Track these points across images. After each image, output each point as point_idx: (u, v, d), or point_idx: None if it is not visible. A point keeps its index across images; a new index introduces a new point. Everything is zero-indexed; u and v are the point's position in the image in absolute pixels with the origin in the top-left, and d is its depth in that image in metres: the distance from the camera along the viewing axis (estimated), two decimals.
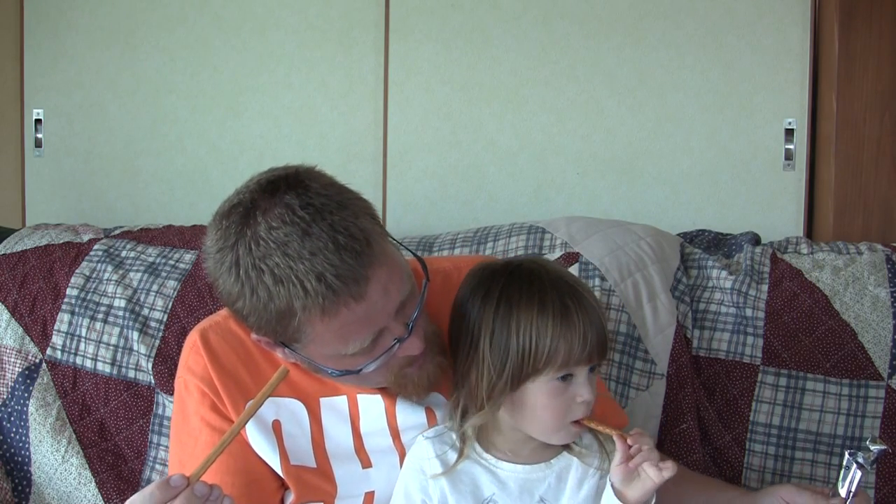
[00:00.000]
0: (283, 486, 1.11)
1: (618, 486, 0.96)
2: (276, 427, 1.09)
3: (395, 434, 1.10)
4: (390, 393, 1.09)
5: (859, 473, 0.98)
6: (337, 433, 1.10)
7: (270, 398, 1.05)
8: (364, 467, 1.10)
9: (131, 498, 0.85)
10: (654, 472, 0.93)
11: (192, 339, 1.13)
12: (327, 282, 0.89)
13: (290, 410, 1.09)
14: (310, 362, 1.01)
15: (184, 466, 1.09)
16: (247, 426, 1.07)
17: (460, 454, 1.02)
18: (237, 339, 1.11)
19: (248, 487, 1.08)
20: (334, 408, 1.10)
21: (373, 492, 1.10)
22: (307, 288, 0.89)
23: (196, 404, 1.10)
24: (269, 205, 0.92)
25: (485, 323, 0.98)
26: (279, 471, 1.09)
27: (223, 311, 1.15)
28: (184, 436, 1.12)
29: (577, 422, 0.99)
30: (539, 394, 0.97)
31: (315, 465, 1.09)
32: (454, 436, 1.05)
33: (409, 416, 1.10)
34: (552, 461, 1.02)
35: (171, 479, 0.85)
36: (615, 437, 0.96)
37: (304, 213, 0.90)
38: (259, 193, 0.94)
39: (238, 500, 1.04)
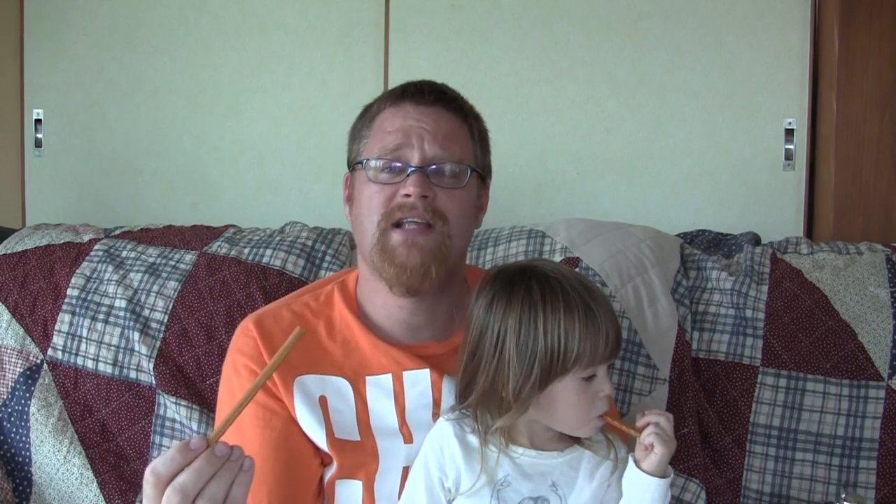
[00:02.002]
0: (323, 464, 1.14)
1: (638, 458, 1.01)
2: (323, 402, 1.13)
3: (437, 408, 1.14)
4: (438, 367, 1.14)
5: None
6: (381, 410, 1.14)
7: (318, 376, 1.13)
8: (406, 442, 1.13)
9: (153, 463, 0.85)
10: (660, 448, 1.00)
11: (245, 324, 1.20)
12: (405, 86, 1.17)
13: (336, 388, 1.14)
14: (353, 184, 1.19)
15: (229, 441, 1.11)
16: (295, 402, 1.12)
17: (482, 440, 1.04)
18: (287, 321, 1.19)
19: (289, 463, 1.11)
20: (379, 385, 1.14)
21: (409, 467, 1.12)
22: (394, 91, 1.18)
23: (243, 382, 1.15)
24: None
25: (510, 329, 1.01)
26: (324, 445, 1.11)
27: (276, 302, 1.25)
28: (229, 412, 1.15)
29: (600, 416, 1.03)
30: (567, 392, 1.01)
31: (359, 439, 1.12)
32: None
33: (453, 391, 1.13)
34: (564, 451, 1.05)
35: (190, 441, 0.86)
36: (636, 436, 1.02)
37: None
38: None
39: (279, 474, 1.10)
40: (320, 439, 1.12)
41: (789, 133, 1.99)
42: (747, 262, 1.57)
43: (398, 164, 1.12)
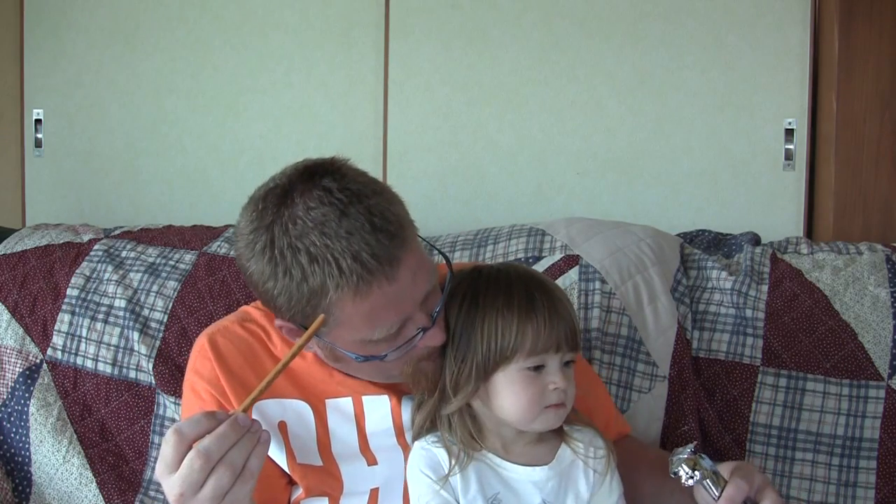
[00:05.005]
0: (291, 482, 1.13)
1: None
2: (283, 427, 1.10)
3: (399, 432, 1.11)
4: (397, 391, 1.10)
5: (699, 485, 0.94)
6: (342, 434, 1.11)
7: (277, 399, 1.09)
8: (370, 464, 1.11)
9: (176, 424, 0.86)
10: None
11: (200, 342, 1.14)
12: (362, 261, 0.91)
13: (296, 412, 1.11)
14: (332, 349, 1.02)
15: None
16: None
17: (467, 454, 1.02)
18: (245, 343, 1.13)
19: (258, 482, 1.09)
20: (339, 409, 1.11)
21: (377, 488, 1.10)
22: (342, 267, 0.91)
23: (202, 405, 1.12)
24: (306, 187, 0.94)
25: (451, 324, 1.02)
26: (286, 469, 1.10)
27: (230, 316, 1.17)
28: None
29: (553, 406, 0.99)
30: (510, 383, 0.99)
31: (321, 464, 1.11)
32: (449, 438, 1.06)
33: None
34: (553, 463, 1.03)
35: (216, 412, 0.88)
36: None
37: (341, 196, 0.92)
38: (296, 178, 0.96)
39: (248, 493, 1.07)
40: (283, 463, 1.10)
41: (789, 133, 1.99)
42: (747, 261, 1.56)
43: (408, 337, 1.00)
